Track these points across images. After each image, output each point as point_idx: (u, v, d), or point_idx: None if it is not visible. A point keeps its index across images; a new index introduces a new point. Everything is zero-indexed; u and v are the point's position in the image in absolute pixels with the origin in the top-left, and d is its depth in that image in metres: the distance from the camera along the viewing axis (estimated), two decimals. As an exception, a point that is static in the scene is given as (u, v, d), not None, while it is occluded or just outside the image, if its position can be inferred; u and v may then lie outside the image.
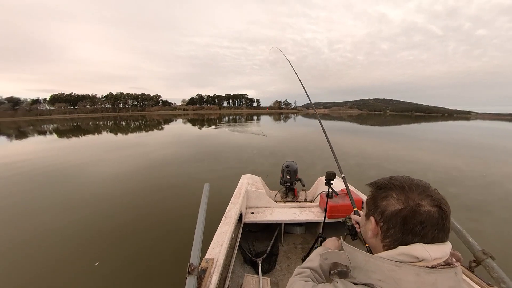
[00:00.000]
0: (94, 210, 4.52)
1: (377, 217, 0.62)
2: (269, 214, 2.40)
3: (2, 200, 5.20)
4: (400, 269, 0.53)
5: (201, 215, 1.29)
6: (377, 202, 0.63)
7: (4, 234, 3.77)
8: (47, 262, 3.08)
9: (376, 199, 0.64)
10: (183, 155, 9.70)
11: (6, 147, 13.89)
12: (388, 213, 0.58)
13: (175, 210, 4.44)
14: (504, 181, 6.60)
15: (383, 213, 0.60)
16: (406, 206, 0.56)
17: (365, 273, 0.59)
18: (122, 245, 3.37)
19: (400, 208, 0.56)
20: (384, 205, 0.60)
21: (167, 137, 16.71)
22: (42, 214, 4.45)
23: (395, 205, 0.57)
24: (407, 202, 0.56)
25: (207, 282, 1.18)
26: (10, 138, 18.61)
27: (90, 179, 6.64)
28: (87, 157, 9.84)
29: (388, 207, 0.59)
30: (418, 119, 62.66)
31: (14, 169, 7.79)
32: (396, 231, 0.57)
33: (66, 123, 38.57)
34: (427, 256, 0.52)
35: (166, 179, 6.37)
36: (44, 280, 2.77)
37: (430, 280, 0.50)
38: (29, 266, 3.00)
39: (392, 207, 0.58)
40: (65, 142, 15.36)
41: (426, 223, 0.53)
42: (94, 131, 23.07)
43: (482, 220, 4.22)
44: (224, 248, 1.49)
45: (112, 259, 3.07)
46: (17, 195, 5.45)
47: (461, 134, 22.04)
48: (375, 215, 0.62)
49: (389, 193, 0.60)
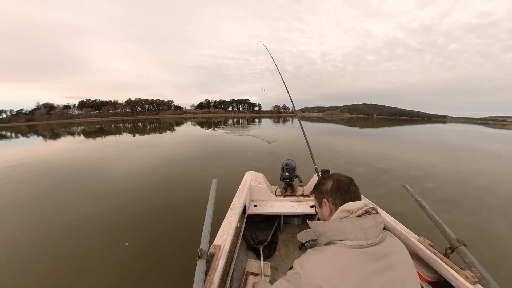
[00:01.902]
0: (118, 201, 4.60)
1: (325, 196, 0.83)
2: (270, 207, 2.39)
3: (40, 191, 5.33)
4: (342, 222, 0.70)
5: (209, 207, 1.31)
6: (320, 190, 0.86)
7: (47, 219, 3.95)
8: (86, 241, 3.23)
9: (319, 188, 0.88)
10: (193, 154, 9.71)
11: (41, 146, 14.05)
12: (328, 188, 0.83)
13: (187, 202, 4.50)
14: (473, 177, 6.63)
15: (326, 191, 0.83)
16: (334, 181, 0.83)
17: (324, 235, 0.73)
18: (143, 232, 3.45)
19: (332, 182, 0.83)
20: (324, 187, 0.85)
21: (179, 138, 16.67)
22: (76, 204, 4.57)
23: (330, 183, 0.83)
24: (333, 179, 0.84)
25: (215, 265, 1.20)
26: (45, 139, 18.85)
27: (112, 174, 6.71)
28: (110, 155, 9.92)
29: (327, 186, 0.84)
30: (402, 122, 62.09)
31: (47, 165, 7.91)
32: (338, 196, 0.79)
33: (92, 126, 38.71)
34: (353, 208, 0.72)
35: (178, 175, 6.41)
36: (87, 255, 2.92)
37: (359, 224, 0.68)
38: (70, 245, 3.15)
39: (328, 185, 0.83)
40: (90, 142, 15.44)
41: (347, 184, 0.81)
42: (115, 132, 23.11)
43: (454, 211, 4.26)
44: (230, 236, 1.50)
45: (137, 242, 3.16)
46: (53, 187, 5.57)
47: (438, 135, 21.88)
48: (324, 197, 0.83)
49: (324, 181, 0.87)
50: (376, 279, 0.58)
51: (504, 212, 4.30)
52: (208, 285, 1.06)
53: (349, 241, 0.65)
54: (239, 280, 1.74)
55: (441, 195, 5.05)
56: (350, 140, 15.35)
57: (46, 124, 49.90)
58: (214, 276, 1.13)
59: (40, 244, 3.23)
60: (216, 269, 1.17)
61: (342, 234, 0.67)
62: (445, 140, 17.61)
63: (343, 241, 0.66)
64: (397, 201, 4.60)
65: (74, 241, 3.27)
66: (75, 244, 3.19)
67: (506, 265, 2.79)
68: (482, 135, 24.55)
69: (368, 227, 0.66)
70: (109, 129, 28.13)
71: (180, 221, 3.75)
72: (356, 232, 0.66)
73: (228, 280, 1.52)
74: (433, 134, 24.03)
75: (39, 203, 4.69)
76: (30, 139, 19.33)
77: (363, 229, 0.66)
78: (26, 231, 3.57)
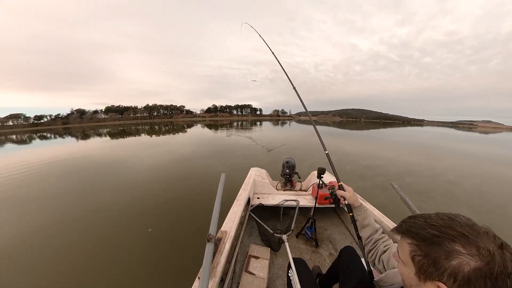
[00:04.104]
0: (139, 193, 4.65)
1: (448, 282, 0.37)
2: (271, 199, 2.38)
3: (73, 183, 5.42)
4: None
5: (218, 197, 1.28)
6: (439, 261, 0.38)
7: (80, 206, 4.04)
8: (115, 225, 3.30)
9: (432, 257, 0.39)
10: (202, 152, 9.70)
11: (73, 146, 14.22)
12: (466, 275, 0.35)
13: (198, 194, 4.52)
14: (444, 173, 6.65)
15: (456, 275, 0.36)
16: (487, 261, 0.35)
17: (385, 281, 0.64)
18: (162, 220, 3.48)
19: (483, 265, 0.35)
20: (454, 265, 0.37)
21: (190, 138, 16.67)
22: (104, 194, 4.68)
23: (471, 262, 0.35)
24: (483, 254, 0.35)
25: (221, 248, 1.20)
26: (78, 139, 19.22)
27: (133, 169, 6.75)
28: (130, 153, 9.98)
29: (463, 267, 0.36)
30: (385, 125, 61.75)
31: (80, 161, 7.99)
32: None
33: (116, 128, 39.07)
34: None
35: (190, 170, 6.43)
36: (117, 237, 2.99)
37: None
38: (101, 228, 3.22)
39: (467, 266, 0.35)
40: (114, 142, 15.62)
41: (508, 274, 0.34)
42: (135, 134, 23.21)
43: (428, 201, 4.32)
44: (235, 224, 1.49)
45: (158, 228, 3.20)
46: (84, 180, 5.65)
47: (416, 137, 21.73)
48: (444, 279, 0.38)
49: (452, 247, 0.37)
50: None
51: (469, 202, 4.37)
52: (215, 265, 1.08)
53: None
54: (242, 261, 1.75)
55: (418, 188, 5.05)
56: (340, 141, 15.25)
57: (78, 127, 50.84)
58: (221, 258, 1.14)
59: (78, 227, 3.29)
60: (222, 252, 1.17)
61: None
62: (422, 141, 17.48)
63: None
64: (380, 193, 4.62)
65: (106, 225, 3.33)
66: (106, 228, 3.25)
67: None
68: (453, 137, 24.56)
69: None
70: (130, 131, 28.29)
71: (192, 211, 3.77)
72: None
73: (232, 261, 1.55)
74: (412, 135, 23.86)
75: (75, 193, 4.79)
76: (65, 140, 19.66)
77: None
78: (62, 217, 3.63)
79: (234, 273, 1.62)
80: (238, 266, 1.72)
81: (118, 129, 35.04)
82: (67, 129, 42.37)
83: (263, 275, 1.49)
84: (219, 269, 1.07)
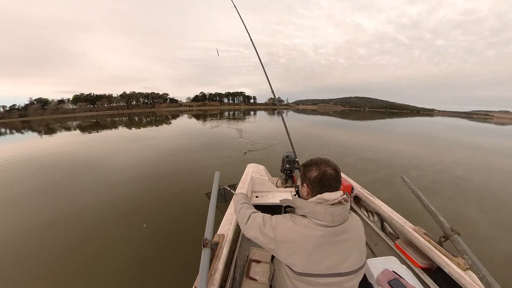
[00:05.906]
0: (125, 191, 4.70)
1: (307, 181, 0.89)
2: (271, 197, 2.39)
3: (51, 183, 5.33)
4: (317, 206, 0.82)
5: (213, 198, 1.31)
6: (305, 173, 0.90)
7: (65, 207, 4.10)
8: (108, 222, 3.47)
9: (305, 172, 0.91)
10: (190, 145, 9.67)
11: (38, 142, 13.68)
12: (312, 177, 0.86)
13: (190, 191, 4.59)
14: (452, 167, 6.93)
15: (309, 177, 0.87)
16: (319, 173, 0.85)
17: (301, 209, 0.87)
18: (152, 219, 3.56)
19: (317, 174, 0.85)
20: (309, 174, 0.88)
21: (176, 130, 16.37)
22: (87, 194, 4.69)
23: (315, 173, 0.86)
24: (319, 170, 0.85)
25: (219, 254, 1.21)
26: (41, 134, 18.00)
27: (114, 167, 6.70)
28: (108, 149, 9.79)
29: (312, 174, 0.87)
30: (392, 115, 62.75)
31: (49, 160, 7.81)
32: (317, 187, 0.85)
33: (87, 120, 37.40)
34: (329, 198, 0.82)
35: (179, 166, 6.45)
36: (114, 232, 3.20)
37: (330, 211, 0.80)
38: (93, 227, 3.37)
39: (313, 174, 0.86)
40: (87, 136, 15.08)
41: (330, 180, 0.84)
42: (111, 126, 22.41)
43: (433, 197, 4.50)
44: (233, 226, 1.49)
45: (145, 234, 3.25)
46: (61, 180, 5.56)
47: (425, 128, 22.31)
48: (306, 182, 0.90)
49: (311, 168, 0.89)
50: (328, 247, 0.79)
51: (478, 198, 4.59)
52: (213, 272, 1.10)
53: (318, 220, 0.81)
54: (242, 267, 1.77)
55: (423, 183, 5.33)
56: (341, 132, 15.55)
57: (40, 120, 47.93)
58: (219, 264, 1.16)
59: (65, 227, 3.38)
60: (220, 257, 1.19)
61: (314, 214, 0.82)
62: (431, 132, 18.00)
63: (314, 219, 0.82)
64: (382, 188, 4.85)
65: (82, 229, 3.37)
66: (94, 228, 3.37)
67: (479, 248, 2.97)
68: (466, 128, 25.14)
69: (336, 214, 0.80)
70: (105, 123, 27.29)
71: (183, 212, 3.82)
72: (325, 217, 0.80)
73: (232, 267, 1.59)
74: (421, 126, 24.48)
75: (52, 194, 4.77)
76: (25, 135, 18.43)
77: (332, 215, 0.80)
78: (44, 216, 3.68)
79: (234, 280, 1.65)
80: (238, 272, 1.75)
81: (91, 121, 33.71)
82: (26, 122, 39.51)
83: (265, 280, 1.49)
84: (217, 276, 1.09)
